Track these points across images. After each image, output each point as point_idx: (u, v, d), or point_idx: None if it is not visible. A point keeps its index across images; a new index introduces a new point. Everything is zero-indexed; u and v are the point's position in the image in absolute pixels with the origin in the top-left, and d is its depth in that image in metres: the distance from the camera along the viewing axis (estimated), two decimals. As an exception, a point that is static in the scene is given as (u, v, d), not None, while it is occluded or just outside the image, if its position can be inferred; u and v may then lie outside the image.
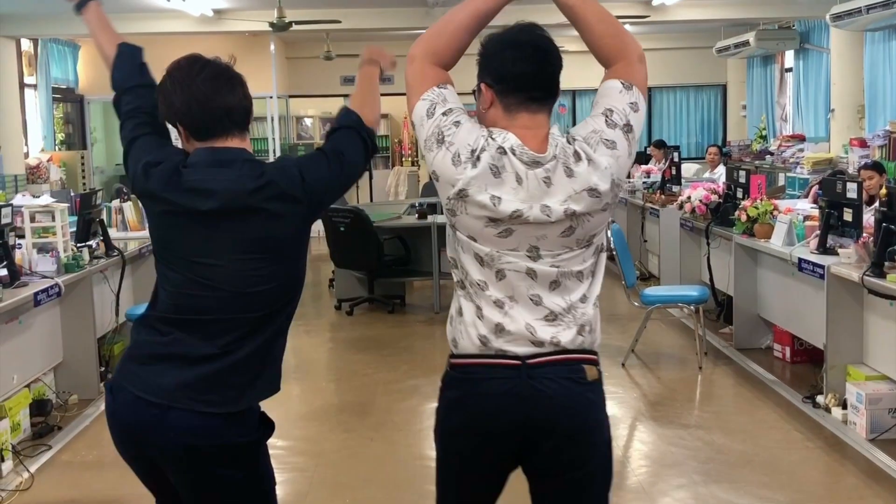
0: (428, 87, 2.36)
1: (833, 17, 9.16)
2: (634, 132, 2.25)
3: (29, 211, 5.74)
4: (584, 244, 2.24)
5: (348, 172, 2.47)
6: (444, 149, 2.21)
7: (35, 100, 11.63)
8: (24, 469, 4.73)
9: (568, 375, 2.23)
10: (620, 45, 2.29)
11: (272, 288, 2.34)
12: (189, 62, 2.38)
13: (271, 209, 2.30)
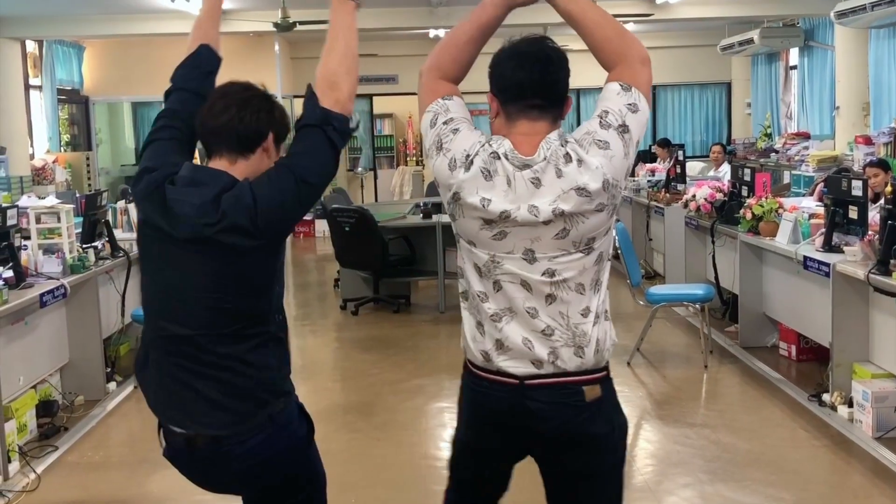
0: (433, 100, 2.46)
1: (837, 14, 9.14)
2: (632, 133, 2.25)
3: (34, 212, 5.75)
4: (582, 248, 2.25)
5: (308, 191, 2.33)
6: (441, 155, 2.30)
7: (40, 101, 11.66)
8: (31, 470, 4.74)
9: (563, 400, 2.29)
10: (621, 48, 2.30)
11: (233, 326, 2.33)
12: (225, 84, 2.46)
13: (228, 242, 2.27)
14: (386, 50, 14.55)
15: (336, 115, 2.37)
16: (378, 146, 16.65)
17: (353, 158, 16.31)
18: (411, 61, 14.95)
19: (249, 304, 2.32)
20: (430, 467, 4.80)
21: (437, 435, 5.40)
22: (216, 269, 2.29)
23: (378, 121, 16.72)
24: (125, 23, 10.85)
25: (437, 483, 4.64)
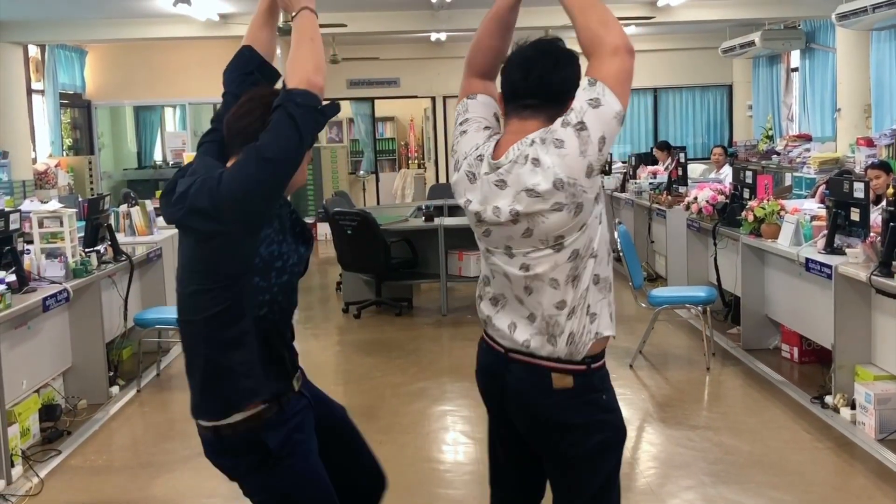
0: (461, 99, 2.53)
1: (839, 16, 9.14)
2: (589, 130, 2.23)
3: (37, 216, 5.76)
4: (551, 245, 2.30)
5: (269, 169, 2.25)
6: (452, 157, 2.47)
7: (42, 105, 11.68)
8: (34, 474, 4.74)
9: (531, 379, 2.40)
10: (595, 39, 2.27)
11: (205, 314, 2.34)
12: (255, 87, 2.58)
13: (192, 226, 2.30)
14: (387, 53, 14.57)
15: (298, 91, 2.34)
16: (380, 149, 16.66)
17: (354, 161, 16.33)
18: (413, 64, 14.98)
19: (219, 294, 2.30)
20: (433, 470, 4.81)
21: (439, 438, 5.40)
22: (190, 254, 2.36)
23: (380, 124, 16.73)
24: (127, 27, 10.87)
25: (439, 486, 4.65)
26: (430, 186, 13.27)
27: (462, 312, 8.65)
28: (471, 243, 9.54)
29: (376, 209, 10.45)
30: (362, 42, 13.91)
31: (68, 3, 9.60)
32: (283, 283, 2.37)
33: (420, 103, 16.00)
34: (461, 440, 5.33)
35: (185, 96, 13.45)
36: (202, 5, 9.82)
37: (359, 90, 15.26)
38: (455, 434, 5.45)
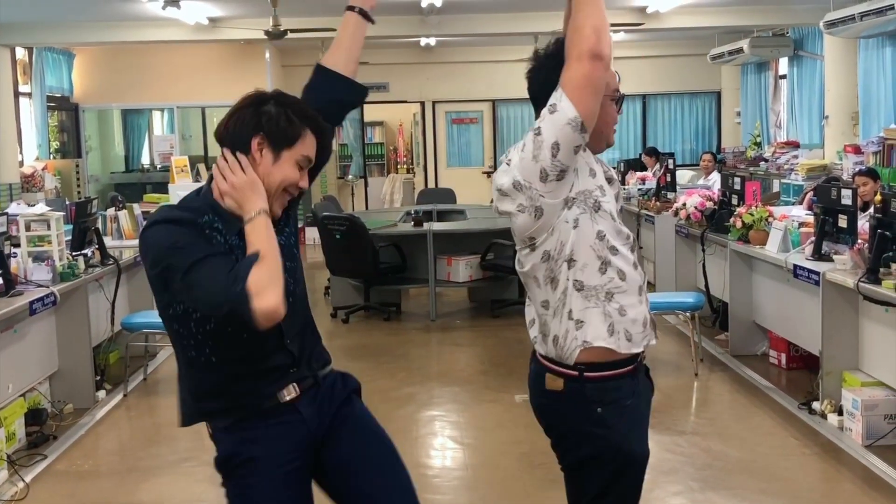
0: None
1: (827, 24, 9.19)
2: (543, 135, 2.27)
3: (24, 220, 5.73)
4: (527, 245, 2.40)
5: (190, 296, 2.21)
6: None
7: (30, 108, 11.63)
8: (20, 479, 4.71)
9: (534, 377, 2.51)
10: (568, 42, 2.31)
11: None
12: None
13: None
14: (377, 58, 14.55)
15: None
16: (369, 154, 16.65)
17: (343, 166, 16.30)
18: (402, 69, 14.98)
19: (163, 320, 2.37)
20: (421, 476, 4.79)
21: (428, 443, 5.39)
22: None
23: (369, 128, 16.72)
24: (115, 30, 10.83)
25: (428, 491, 4.64)
26: (418, 191, 13.27)
27: (450, 318, 8.64)
28: (459, 248, 9.53)
29: (365, 214, 10.45)
30: (352, 46, 13.89)
31: (56, 6, 9.56)
32: (208, 332, 2.30)
33: (409, 108, 16.00)
34: (449, 445, 5.32)
35: (173, 100, 13.41)
36: (191, 9, 9.80)
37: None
38: (443, 439, 5.44)
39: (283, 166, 2.32)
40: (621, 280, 2.40)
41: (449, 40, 13.58)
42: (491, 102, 15.25)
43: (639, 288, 2.46)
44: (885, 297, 4.77)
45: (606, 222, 2.37)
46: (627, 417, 2.47)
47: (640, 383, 2.56)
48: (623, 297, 2.41)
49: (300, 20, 9.91)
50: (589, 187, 2.36)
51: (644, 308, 2.49)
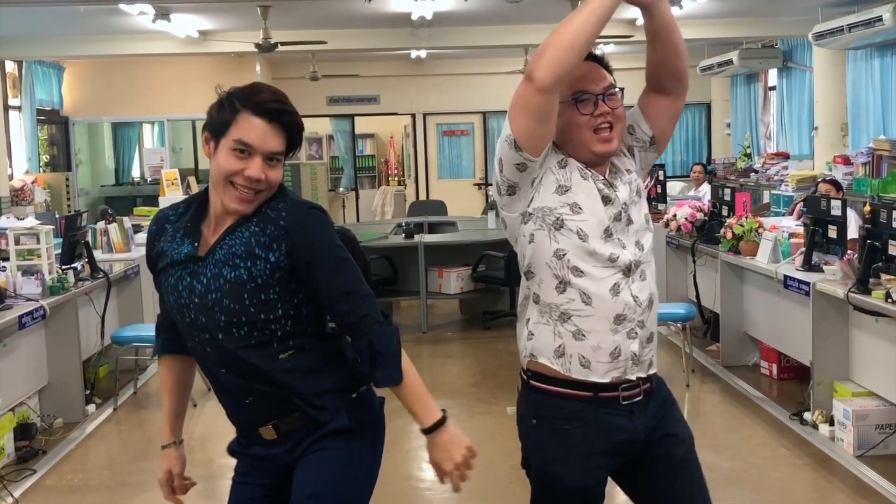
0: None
1: (815, 35, 9.23)
2: (497, 151, 2.35)
3: (13, 233, 5.71)
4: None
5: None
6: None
7: (19, 121, 11.60)
8: (9, 494, 4.68)
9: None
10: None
11: None
12: None
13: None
14: (368, 70, 14.58)
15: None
16: (360, 166, 16.65)
17: (334, 178, 16.30)
18: (393, 82, 15.01)
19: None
20: (412, 488, 4.78)
21: (419, 456, 5.37)
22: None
23: (360, 140, 16.73)
24: (105, 43, 10.82)
25: (420, 503, 4.63)
26: (410, 203, 13.28)
27: (442, 329, 8.63)
28: (451, 260, 9.51)
29: (356, 226, 10.44)
30: (342, 59, 13.92)
31: (46, 19, 9.56)
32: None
33: (400, 120, 16.02)
34: (441, 458, 5.29)
35: (164, 113, 13.40)
36: (181, 22, 9.80)
37: (339, 107, 15.26)
38: (435, 452, 5.41)
39: (219, 156, 2.20)
40: (584, 303, 2.30)
41: (440, 53, 13.60)
42: (482, 114, 15.28)
43: (615, 317, 2.31)
44: (875, 307, 4.78)
45: (569, 241, 2.30)
46: (561, 442, 2.35)
47: (602, 416, 2.35)
48: (584, 321, 2.31)
49: (291, 33, 9.92)
50: (550, 204, 2.30)
51: (617, 339, 2.32)
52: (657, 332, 2.46)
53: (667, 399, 2.50)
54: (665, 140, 2.48)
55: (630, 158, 2.44)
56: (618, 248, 2.32)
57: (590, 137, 2.33)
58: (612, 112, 2.35)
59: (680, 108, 2.43)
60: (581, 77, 2.32)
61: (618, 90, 2.39)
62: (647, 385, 2.40)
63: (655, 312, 2.42)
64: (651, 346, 2.42)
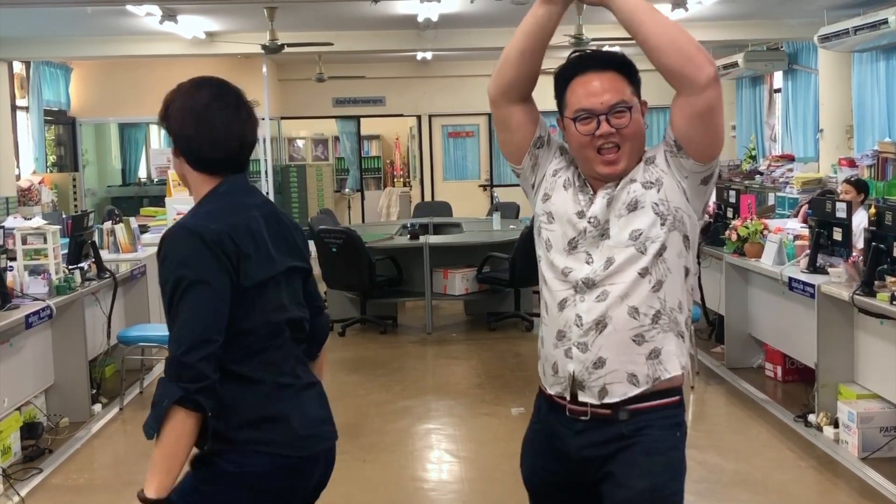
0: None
1: (821, 38, 9.23)
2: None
3: (20, 233, 5.73)
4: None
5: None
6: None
7: (27, 122, 11.64)
8: (15, 493, 4.70)
9: None
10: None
11: None
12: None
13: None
14: (374, 72, 14.60)
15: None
16: (365, 167, 16.67)
17: (340, 179, 16.33)
18: (399, 83, 15.02)
19: None
20: (417, 489, 4.79)
21: (424, 457, 5.38)
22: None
23: (365, 142, 16.75)
24: (113, 44, 10.85)
25: (424, 504, 4.64)
26: (415, 204, 13.28)
27: (447, 330, 8.64)
28: (456, 261, 9.50)
29: (361, 227, 10.45)
30: (348, 61, 13.93)
31: (54, 20, 9.59)
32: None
33: (406, 122, 16.04)
34: (446, 459, 5.31)
35: (171, 114, 13.42)
36: (188, 23, 9.82)
37: (345, 108, 15.28)
38: (439, 452, 5.44)
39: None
40: (545, 312, 2.34)
41: (445, 54, 13.61)
42: (487, 116, 15.27)
43: (557, 332, 2.27)
44: (880, 309, 4.78)
45: (541, 249, 2.34)
46: (528, 436, 2.47)
47: (552, 417, 2.33)
48: (543, 329, 2.35)
49: (297, 34, 9.93)
50: (538, 210, 2.38)
51: (556, 354, 2.28)
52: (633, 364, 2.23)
53: (637, 443, 2.25)
54: (691, 143, 2.19)
55: (655, 167, 2.25)
56: (578, 263, 2.26)
57: (593, 157, 2.25)
58: (617, 132, 2.22)
59: (699, 107, 2.14)
60: (584, 94, 2.24)
61: (629, 106, 2.23)
62: (605, 411, 2.25)
63: (616, 340, 2.21)
64: (601, 373, 2.23)
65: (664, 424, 2.26)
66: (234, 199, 2.30)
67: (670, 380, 2.26)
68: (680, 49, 2.13)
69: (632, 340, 2.21)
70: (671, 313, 2.24)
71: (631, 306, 2.21)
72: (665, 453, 2.27)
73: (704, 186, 2.26)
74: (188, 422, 2.11)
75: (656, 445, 2.25)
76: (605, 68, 2.27)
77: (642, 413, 2.24)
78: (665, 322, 2.23)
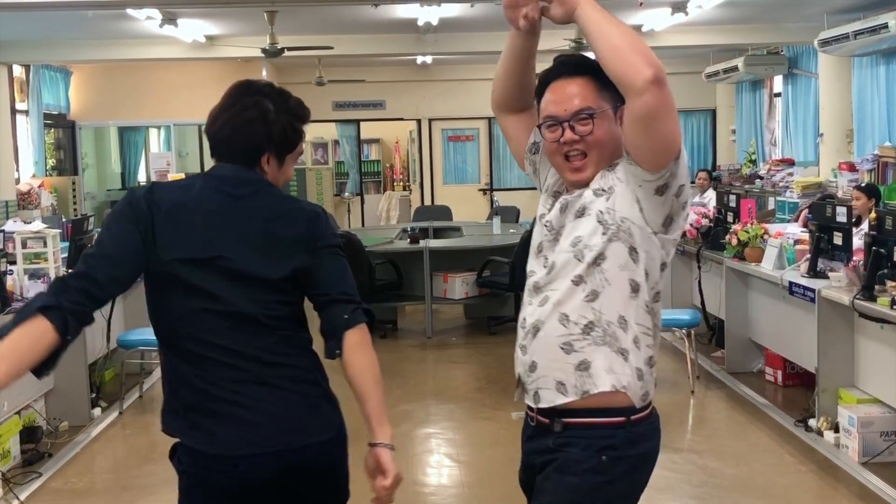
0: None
1: (821, 42, 9.23)
2: None
3: (20, 237, 5.73)
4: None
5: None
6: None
7: (26, 126, 11.64)
8: (14, 497, 4.69)
9: None
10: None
11: None
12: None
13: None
14: (373, 76, 14.61)
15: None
16: (365, 171, 16.67)
17: (339, 183, 16.33)
18: (398, 87, 15.03)
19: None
20: (416, 493, 4.78)
21: (424, 461, 5.38)
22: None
23: (365, 146, 16.75)
24: (113, 48, 10.86)
25: (424, 509, 4.63)
26: (415, 208, 13.29)
27: (446, 335, 8.64)
28: (456, 265, 9.47)
29: (361, 231, 10.45)
30: (348, 64, 13.94)
31: (54, 24, 9.59)
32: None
33: (405, 125, 16.04)
34: (445, 463, 5.31)
35: (170, 117, 13.44)
36: (188, 27, 9.83)
37: (344, 112, 15.29)
38: (439, 457, 5.43)
39: (286, 170, 2.43)
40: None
41: (445, 58, 13.62)
42: (487, 120, 15.29)
43: (522, 335, 2.27)
44: (881, 313, 4.78)
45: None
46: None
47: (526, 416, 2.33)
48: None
49: (297, 38, 9.94)
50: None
51: (519, 359, 2.28)
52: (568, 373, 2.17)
53: (556, 459, 2.20)
54: (636, 150, 2.10)
55: (612, 175, 2.19)
56: (538, 267, 2.27)
57: (561, 164, 2.25)
58: (581, 139, 2.18)
59: (638, 111, 2.03)
60: (551, 100, 2.23)
61: (592, 113, 2.18)
62: (544, 419, 2.23)
63: (545, 345, 2.19)
64: (534, 377, 2.22)
65: (589, 445, 2.16)
66: (198, 180, 2.37)
67: (610, 398, 2.16)
68: (618, 52, 2.04)
69: (560, 348, 2.17)
70: (608, 327, 2.15)
71: (562, 313, 2.17)
72: (580, 475, 2.16)
73: (660, 197, 2.14)
74: (44, 334, 2.15)
75: (570, 465, 2.17)
76: (577, 74, 2.23)
77: (572, 428, 2.18)
78: (598, 335, 2.15)
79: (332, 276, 2.43)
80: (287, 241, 2.33)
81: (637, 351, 2.19)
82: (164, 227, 2.25)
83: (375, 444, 2.24)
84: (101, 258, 2.23)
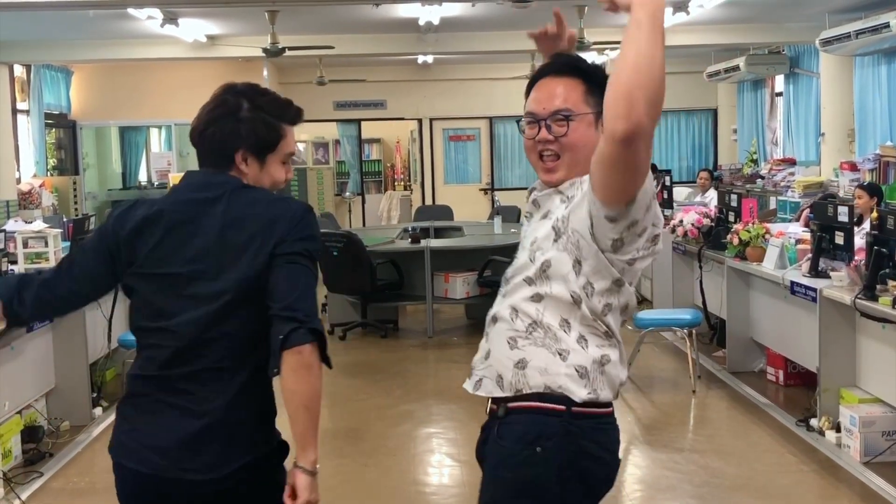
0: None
1: (823, 42, 9.23)
2: None
3: (22, 236, 5.73)
4: None
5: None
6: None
7: (27, 125, 11.64)
8: (16, 496, 4.69)
9: None
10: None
11: None
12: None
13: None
14: (374, 75, 14.60)
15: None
16: (366, 171, 16.67)
17: (340, 183, 16.32)
18: (399, 87, 15.02)
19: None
20: (418, 493, 4.78)
21: (425, 461, 5.38)
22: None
23: (366, 145, 16.75)
24: (114, 48, 10.86)
25: (425, 509, 4.63)
26: (416, 208, 13.28)
27: (448, 335, 8.64)
28: (457, 265, 9.46)
29: (362, 231, 10.45)
30: (349, 64, 13.93)
31: (54, 24, 9.59)
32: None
33: (406, 125, 16.03)
34: (447, 462, 5.31)
35: (171, 117, 13.43)
36: (189, 26, 9.83)
37: (345, 112, 15.28)
38: (441, 456, 5.43)
39: (270, 171, 2.35)
40: None
41: (446, 58, 13.61)
42: (488, 120, 15.28)
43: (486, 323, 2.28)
44: (882, 313, 4.78)
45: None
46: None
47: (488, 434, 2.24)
48: None
49: (298, 37, 9.94)
50: None
51: (482, 346, 2.27)
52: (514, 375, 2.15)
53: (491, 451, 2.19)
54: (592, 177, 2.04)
55: (581, 185, 2.14)
56: (515, 259, 2.29)
57: (536, 162, 2.24)
58: (556, 140, 2.16)
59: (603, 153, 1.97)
60: (534, 98, 2.23)
61: (568, 115, 2.15)
62: (492, 406, 2.21)
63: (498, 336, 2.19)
64: (485, 364, 2.22)
65: (525, 434, 2.12)
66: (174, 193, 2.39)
67: (543, 397, 2.11)
68: (617, 87, 1.91)
69: (507, 341, 2.17)
70: (549, 329, 2.13)
71: (513, 308, 2.18)
72: (512, 470, 2.13)
73: (611, 224, 2.05)
74: None
75: (505, 460, 2.15)
76: (564, 74, 2.21)
77: (514, 412, 2.15)
78: (539, 336, 2.13)
79: (278, 287, 2.19)
80: (235, 249, 2.23)
81: (582, 350, 2.12)
82: (126, 245, 2.28)
83: (296, 465, 2.18)
84: (61, 271, 2.40)
